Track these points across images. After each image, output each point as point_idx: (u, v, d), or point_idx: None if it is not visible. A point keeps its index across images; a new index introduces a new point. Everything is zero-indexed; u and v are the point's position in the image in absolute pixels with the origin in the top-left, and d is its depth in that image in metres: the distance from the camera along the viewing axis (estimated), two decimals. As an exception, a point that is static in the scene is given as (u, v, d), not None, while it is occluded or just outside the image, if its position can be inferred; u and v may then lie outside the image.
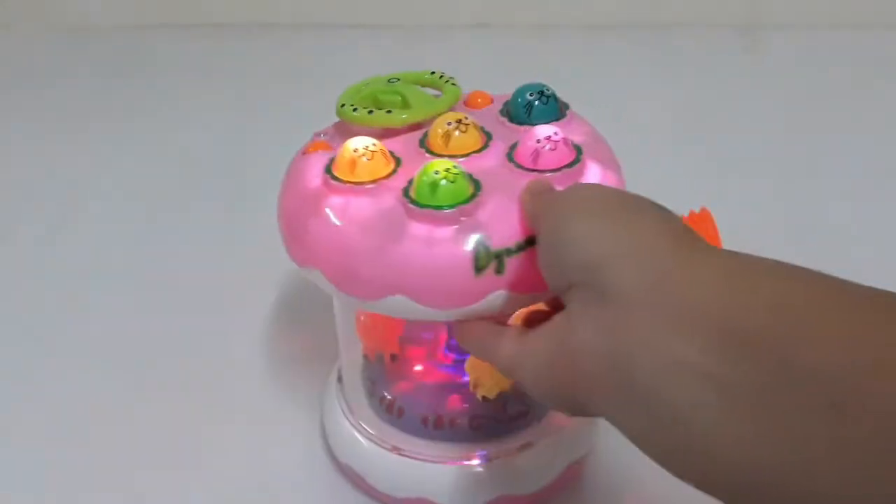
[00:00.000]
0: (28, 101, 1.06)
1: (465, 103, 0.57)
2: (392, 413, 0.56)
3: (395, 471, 0.55)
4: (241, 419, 0.63)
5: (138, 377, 0.66)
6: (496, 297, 0.46)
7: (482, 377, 0.55)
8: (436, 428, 0.55)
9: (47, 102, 1.05)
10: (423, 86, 0.57)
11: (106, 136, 0.98)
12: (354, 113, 0.53)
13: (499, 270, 0.46)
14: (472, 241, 0.46)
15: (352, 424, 0.57)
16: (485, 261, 0.46)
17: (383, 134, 0.53)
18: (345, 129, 0.55)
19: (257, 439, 0.61)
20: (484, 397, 0.55)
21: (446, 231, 0.46)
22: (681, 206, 0.72)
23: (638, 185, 0.56)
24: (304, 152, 0.53)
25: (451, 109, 0.55)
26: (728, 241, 0.71)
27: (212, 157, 0.93)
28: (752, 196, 0.85)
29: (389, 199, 0.48)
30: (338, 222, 0.48)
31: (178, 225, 0.83)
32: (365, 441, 0.56)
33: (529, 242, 0.46)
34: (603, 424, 0.58)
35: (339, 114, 0.54)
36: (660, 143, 0.92)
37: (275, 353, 0.68)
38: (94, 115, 1.02)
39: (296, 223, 0.50)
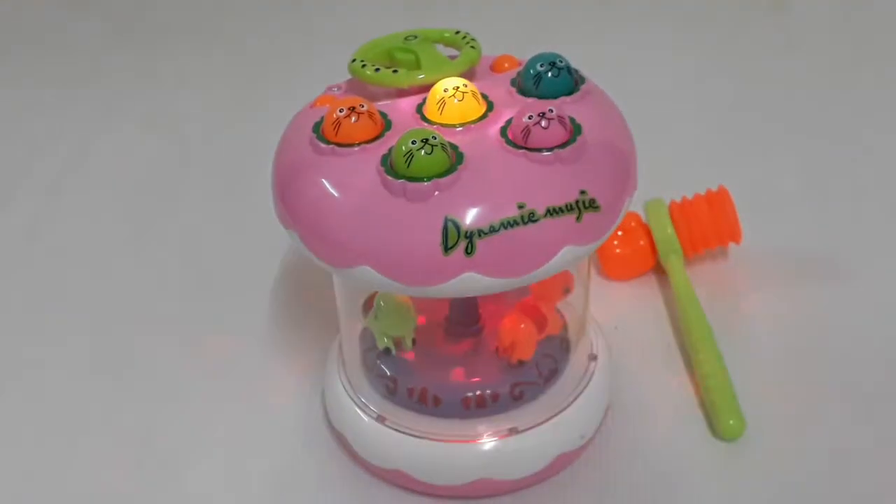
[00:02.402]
0: (14, 69, 1.00)
1: (491, 67, 0.54)
2: (382, 382, 0.55)
3: (377, 440, 0.54)
4: (244, 383, 0.63)
5: (138, 350, 0.65)
6: (465, 279, 0.44)
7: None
8: (420, 402, 0.53)
9: (37, 71, 0.99)
10: (444, 45, 0.54)
11: (99, 106, 0.92)
12: (363, 69, 0.51)
13: (468, 251, 0.43)
14: (442, 218, 0.43)
15: (344, 389, 0.56)
16: (454, 240, 0.43)
17: (393, 94, 0.51)
18: (357, 86, 0.53)
19: (259, 403, 0.61)
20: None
21: (417, 205, 0.44)
22: (698, 184, 0.67)
23: (654, 160, 0.52)
24: (312, 106, 0.52)
25: (469, 73, 0.52)
26: (748, 224, 0.66)
27: (210, 127, 0.89)
28: (776, 171, 0.78)
29: (369, 165, 0.46)
30: (315, 185, 0.46)
31: (175, 199, 0.79)
32: (352, 406, 0.55)
33: (504, 225, 0.44)
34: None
35: (349, 69, 0.52)
36: (678, 111, 0.85)
37: (281, 321, 0.67)
38: (86, 84, 0.96)
39: (283, 182, 0.49)
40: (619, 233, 0.67)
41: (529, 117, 0.45)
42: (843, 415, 0.58)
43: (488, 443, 0.53)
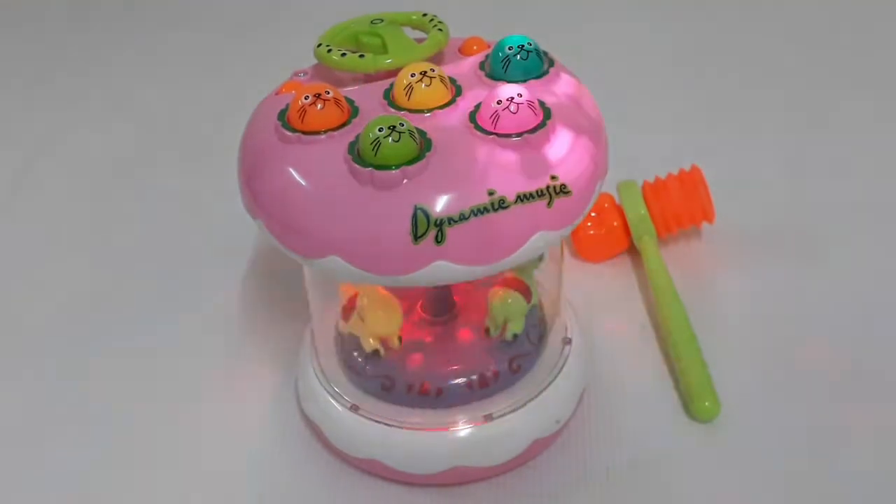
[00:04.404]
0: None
1: (460, 50, 0.53)
2: (354, 371, 0.54)
3: (351, 429, 0.54)
4: (217, 372, 0.62)
5: (108, 340, 0.64)
6: (436, 267, 0.43)
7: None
8: (390, 391, 0.53)
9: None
10: (411, 27, 0.53)
11: (62, 89, 0.92)
12: (329, 54, 0.51)
13: (439, 240, 0.43)
14: (411, 207, 0.43)
15: (317, 378, 0.56)
16: (423, 228, 0.43)
17: (360, 79, 0.51)
18: (323, 71, 0.52)
19: (232, 392, 0.60)
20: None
21: (386, 193, 0.43)
22: (671, 163, 0.67)
23: (626, 141, 0.50)
24: (277, 93, 0.51)
25: (437, 56, 0.51)
26: (721, 205, 0.66)
27: (176, 114, 0.87)
28: (749, 150, 0.77)
29: (336, 153, 0.45)
30: (281, 174, 0.45)
31: (141, 186, 0.78)
32: (326, 395, 0.55)
33: (475, 212, 0.43)
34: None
35: (315, 54, 0.51)
36: (650, 92, 0.85)
37: (253, 308, 0.66)
38: (50, 67, 0.95)
39: (248, 172, 0.48)
40: (593, 214, 0.66)
41: (498, 102, 0.45)
42: (817, 393, 0.57)
43: (463, 430, 0.52)
